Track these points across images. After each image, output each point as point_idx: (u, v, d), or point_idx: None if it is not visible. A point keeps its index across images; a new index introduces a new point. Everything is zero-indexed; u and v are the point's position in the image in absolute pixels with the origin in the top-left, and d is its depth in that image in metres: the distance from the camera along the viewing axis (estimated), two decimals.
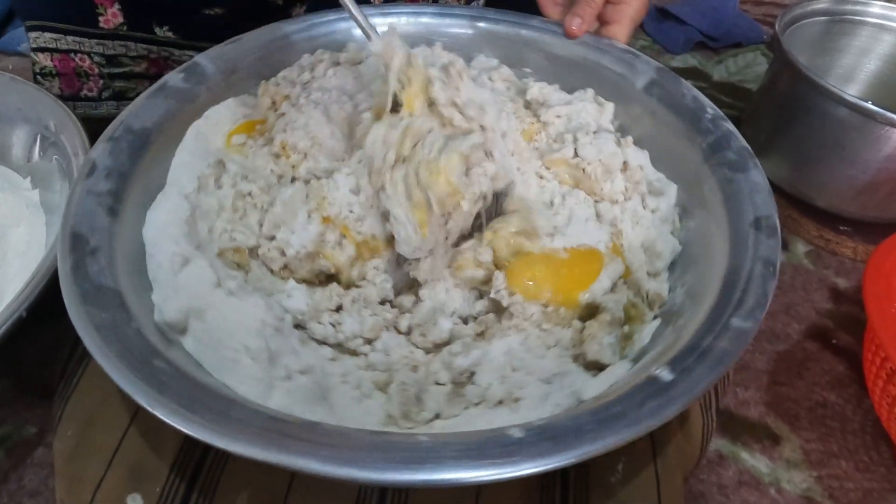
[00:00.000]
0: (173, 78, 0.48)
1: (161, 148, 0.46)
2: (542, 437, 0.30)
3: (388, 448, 0.29)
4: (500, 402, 0.38)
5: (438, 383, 0.39)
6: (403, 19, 0.58)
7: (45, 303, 0.42)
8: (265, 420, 0.31)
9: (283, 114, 0.50)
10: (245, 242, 0.45)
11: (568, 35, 0.55)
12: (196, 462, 0.40)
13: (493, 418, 0.37)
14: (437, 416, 0.38)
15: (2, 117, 0.56)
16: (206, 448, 0.40)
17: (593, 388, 0.37)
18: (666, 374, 0.33)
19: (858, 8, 0.71)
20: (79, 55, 0.59)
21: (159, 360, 0.33)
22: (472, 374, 0.39)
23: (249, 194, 0.46)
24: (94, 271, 0.36)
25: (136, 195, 0.42)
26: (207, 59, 0.51)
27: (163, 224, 0.42)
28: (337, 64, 0.55)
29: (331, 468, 0.28)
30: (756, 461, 0.49)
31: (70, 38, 0.58)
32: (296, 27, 0.55)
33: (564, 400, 0.37)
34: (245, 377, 0.36)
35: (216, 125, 0.50)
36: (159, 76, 0.51)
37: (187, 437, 0.31)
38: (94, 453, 0.40)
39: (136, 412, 0.41)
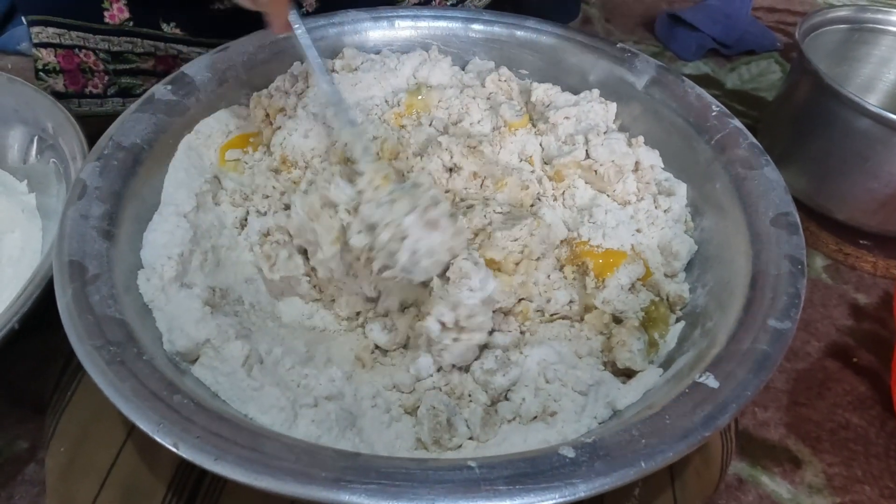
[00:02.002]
0: (160, 90, 0.47)
1: (153, 164, 0.44)
2: (595, 455, 0.29)
3: (436, 479, 0.28)
4: (535, 417, 0.37)
5: (471, 400, 0.38)
6: (402, 23, 0.57)
7: (38, 313, 0.41)
8: (300, 453, 0.29)
9: (279, 127, 0.48)
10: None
11: None
12: (194, 481, 0.39)
13: (528, 435, 0.35)
14: (469, 438, 0.37)
15: None
16: None
17: (627, 396, 0.36)
18: (711, 381, 0.32)
19: (880, 17, 0.69)
20: (83, 51, 0.57)
21: (178, 394, 0.31)
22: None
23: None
24: (96, 301, 0.34)
25: (131, 216, 0.41)
26: (195, 70, 0.49)
27: (163, 245, 0.40)
28: (332, 71, 0.53)
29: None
30: (777, 486, 0.47)
31: (74, 34, 0.56)
32: (284, 33, 0.53)
33: (600, 412, 0.36)
34: (268, 406, 0.34)
35: (208, 139, 0.48)
36: (167, 73, 0.49)
37: None
38: (87, 471, 0.39)
39: (132, 428, 0.40)
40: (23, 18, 0.77)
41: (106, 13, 0.56)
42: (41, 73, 0.58)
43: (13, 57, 0.81)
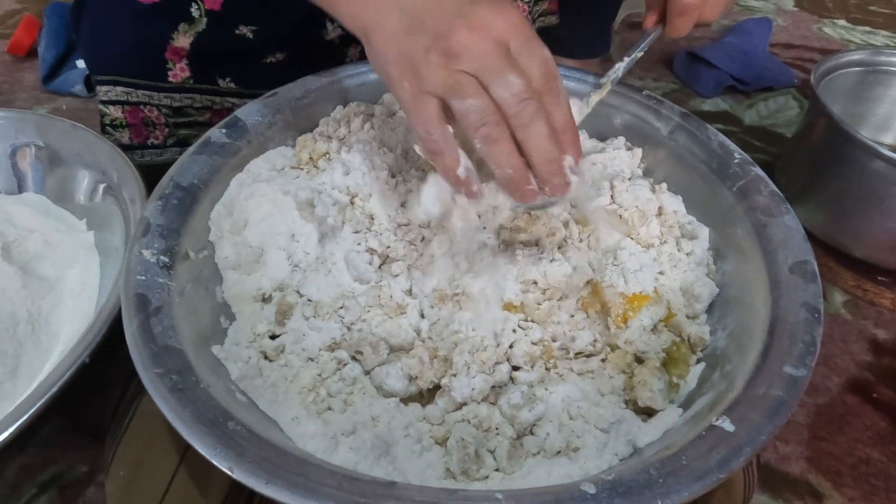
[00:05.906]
0: (216, 133, 0.51)
1: (208, 202, 0.48)
2: (615, 492, 0.31)
3: None
4: (558, 452, 0.39)
5: (497, 433, 0.40)
6: None
7: (104, 346, 0.44)
8: (342, 480, 0.32)
9: (322, 170, 0.51)
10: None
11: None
12: None
13: (552, 469, 0.37)
14: (496, 470, 0.39)
15: (64, 162, 0.59)
16: (253, 491, 0.41)
17: (647, 434, 0.38)
18: (727, 425, 0.34)
19: (894, 59, 0.71)
20: (147, 107, 0.62)
21: (232, 421, 0.34)
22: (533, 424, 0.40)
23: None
24: (158, 332, 0.38)
25: (187, 250, 0.44)
26: (247, 113, 0.53)
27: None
28: (371, 116, 0.56)
29: None
30: None
31: (140, 92, 0.61)
32: (328, 80, 0.57)
33: (621, 449, 0.38)
34: (313, 433, 0.37)
35: (257, 178, 0.52)
36: None
37: (234, 480, 0.32)
38: (144, 494, 0.42)
39: (185, 454, 0.42)
40: (85, 68, 0.82)
41: (170, 73, 0.61)
42: (108, 128, 0.62)
43: (67, 98, 0.87)
